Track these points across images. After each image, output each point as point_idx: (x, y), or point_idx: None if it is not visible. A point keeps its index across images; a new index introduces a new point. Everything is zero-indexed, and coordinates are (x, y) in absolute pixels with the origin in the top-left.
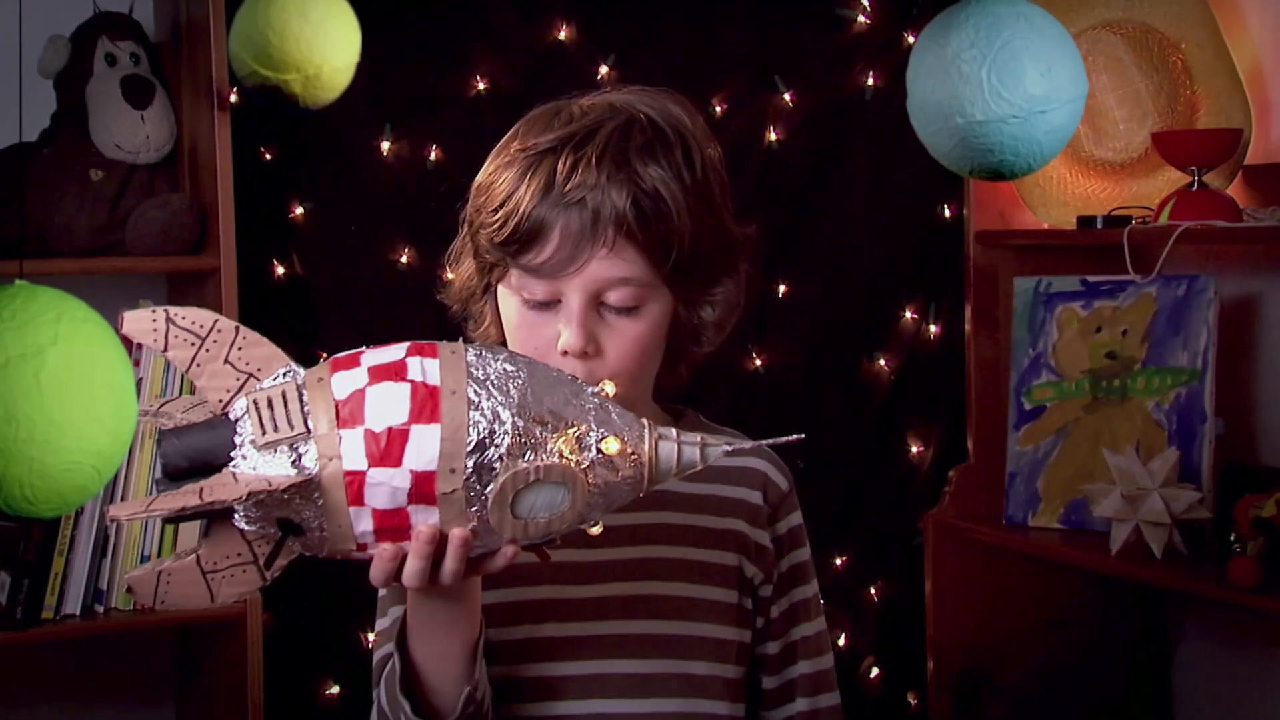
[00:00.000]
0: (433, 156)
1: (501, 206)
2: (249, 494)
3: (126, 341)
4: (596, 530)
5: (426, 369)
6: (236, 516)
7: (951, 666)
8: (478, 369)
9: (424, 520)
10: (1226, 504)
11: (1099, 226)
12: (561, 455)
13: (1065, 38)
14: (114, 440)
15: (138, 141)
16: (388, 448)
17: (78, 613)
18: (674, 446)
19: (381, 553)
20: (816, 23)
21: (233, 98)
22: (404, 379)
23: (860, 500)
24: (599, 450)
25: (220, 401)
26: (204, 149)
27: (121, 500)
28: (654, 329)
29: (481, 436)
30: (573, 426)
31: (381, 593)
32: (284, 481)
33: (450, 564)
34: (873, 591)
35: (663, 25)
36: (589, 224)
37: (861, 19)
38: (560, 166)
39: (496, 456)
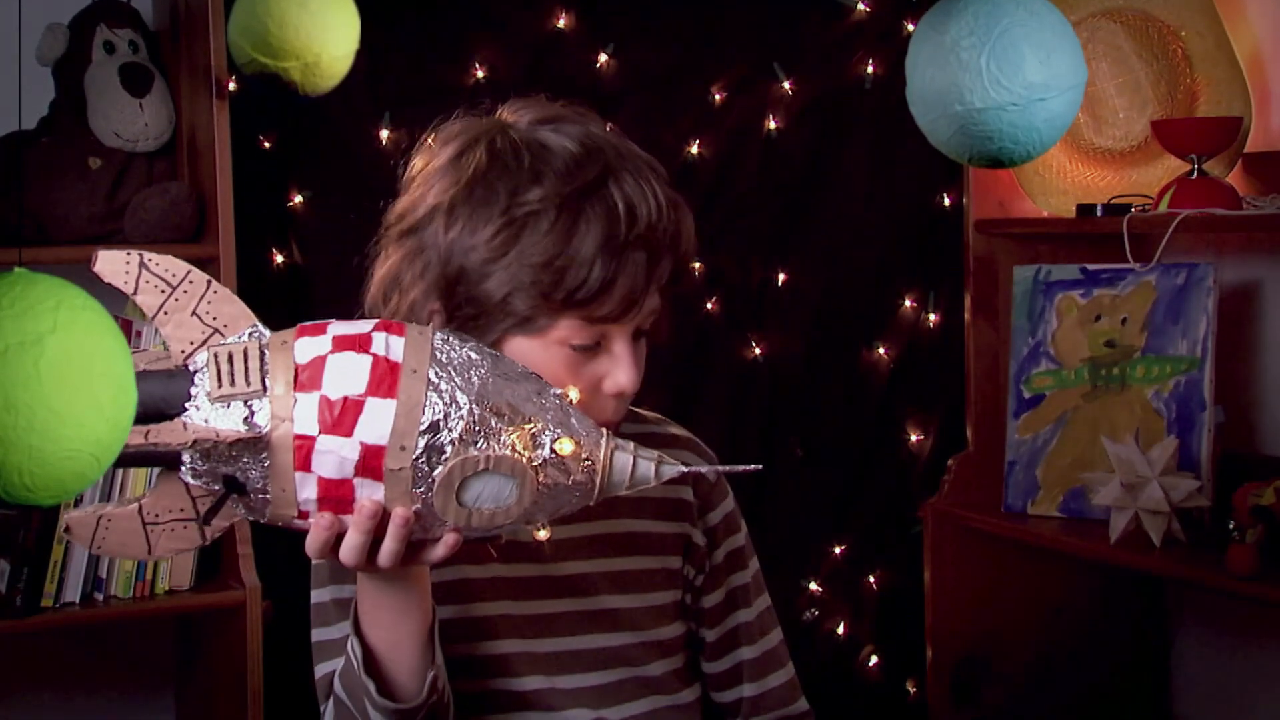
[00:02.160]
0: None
1: (550, 262)
2: (194, 441)
3: (126, 330)
4: (543, 535)
5: (391, 345)
6: (183, 469)
7: (950, 655)
8: (442, 352)
9: (369, 495)
10: (1225, 492)
11: (1098, 215)
12: (514, 449)
13: (1065, 25)
14: (113, 428)
15: (136, 130)
16: (341, 416)
17: (77, 600)
18: (629, 459)
19: (319, 520)
20: (816, 11)
21: (231, 86)
22: (366, 351)
23: (859, 489)
24: (553, 450)
25: (183, 353)
26: (203, 137)
27: (118, 492)
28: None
29: (436, 418)
30: (530, 422)
31: (319, 596)
32: (232, 435)
33: (389, 543)
34: (872, 580)
35: (662, 14)
36: (653, 264)
37: (861, 7)
38: (619, 205)
39: (449, 440)
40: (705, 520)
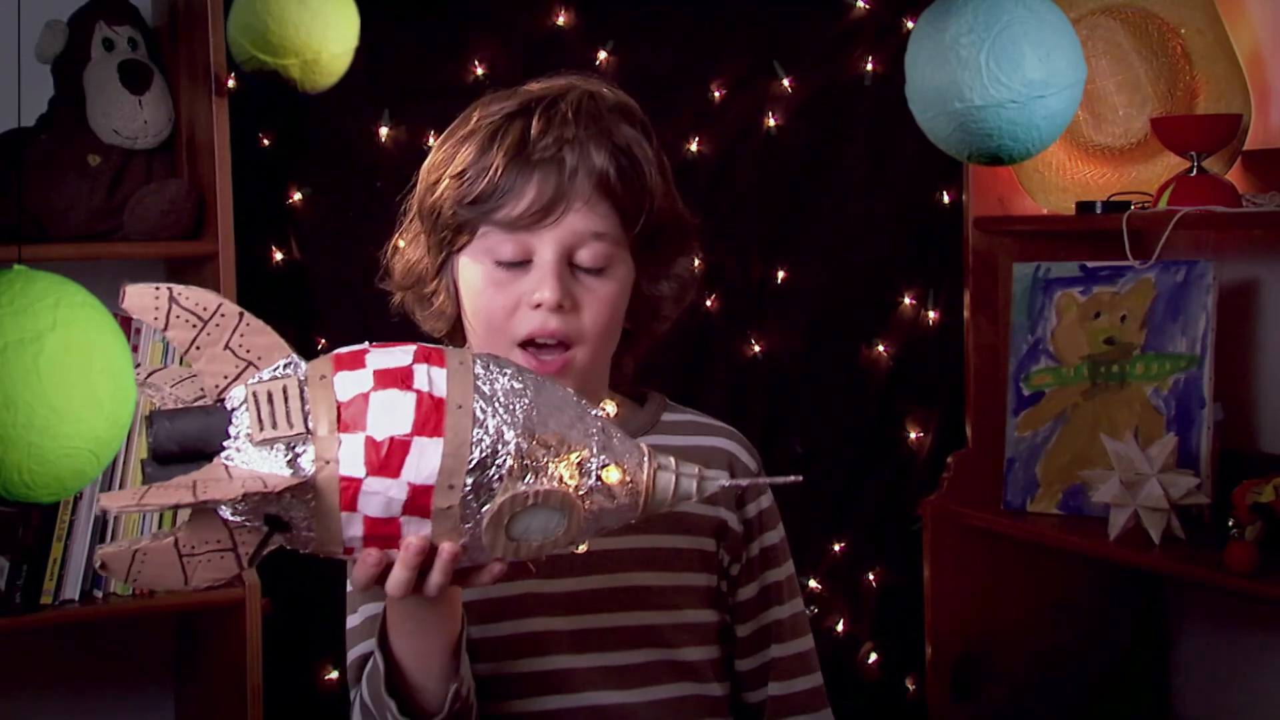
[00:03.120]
0: (431, 143)
1: (470, 168)
2: (244, 495)
3: (125, 326)
4: (582, 549)
5: (434, 379)
6: (223, 508)
7: (950, 652)
8: (485, 383)
9: (416, 532)
10: (1225, 490)
11: (1098, 212)
12: (562, 480)
13: (1064, 23)
14: (112, 426)
15: (135, 127)
16: (388, 457)
17: (76, 598)
18: (672, 478)
19: (366, 557)
20: (816, 8)
21: (231, 83)
22: (410, 388)
23: (859, 486)
24: (599, 478)
25: (217, 387)
26: (202, 134)
27: (118, 489)
28: (622, 292)
29: (484, 455)
30: (575, 451)
31: (350, 588)
32: (280, 483)
33: (436, 577)
34: (871, 577)
35: (662, 11)
36: (567, 178)
37: (861, 4)
38: (534, 124)
39: (497, 476)
40: (743, 511)
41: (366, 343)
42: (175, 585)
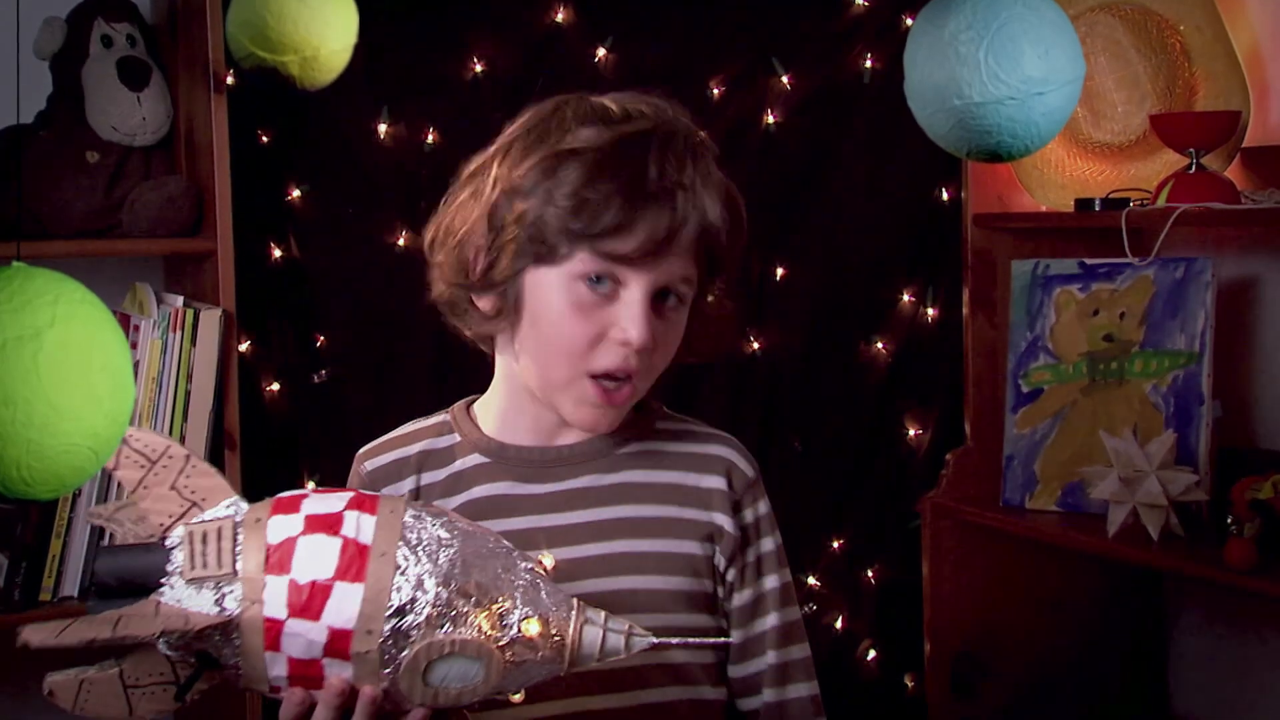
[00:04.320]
0: (430, 139)
1: (579, 191)
2: (162, 632)
3: (124, 323)
4: (517, 698)
5: (362, 526)
6: (159, 643)
7: (949, 649)
8: (413, 532)
9: (337, 674)
10: (1224, 486)
11: (1097, 209)
12: (480, 630)
13: (1063, 20)
14: (111, 423)
15: (134, 123)
16: (309, 601)
17: (75, 594)
18: (599, 632)
19: (291, 696)
20: (815, 5)
21: (229, 80)
22: (336, 533)
23: (858, 483)
24: (520, 630)
25: (161, 526)
26: (201, 131)
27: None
28: (684, 326)
29: (403, 602)
30: (496, 603)
31: None
32: (202, 621)
33: (358, 719)
34: (870, 574)
35: (661, 8)
36: (679, 223)
37: (860, 1)
38: (651, 160)
39: (414, 624)
40: (740, 516)
41: (310, 486)
42: (119, 717)
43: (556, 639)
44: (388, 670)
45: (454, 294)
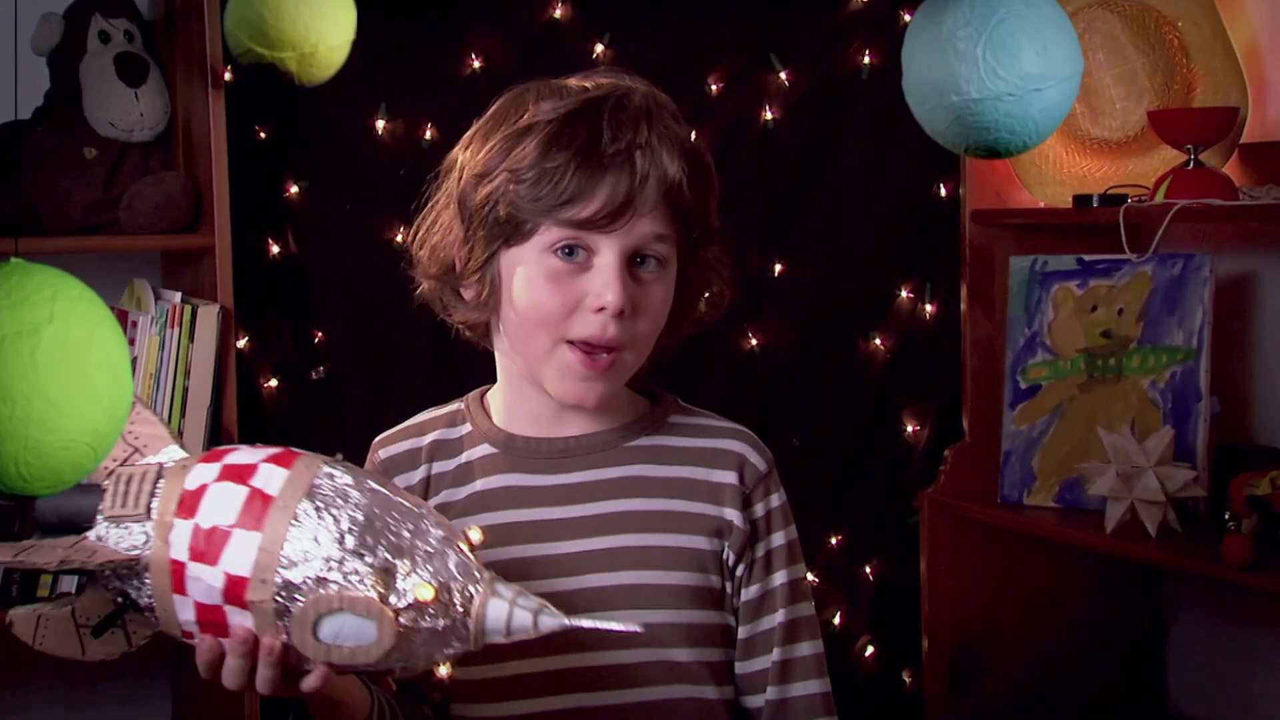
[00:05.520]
0: (428, 135)
1: (534, 166)
2: (60, 562)
3: (122, 320)
4: (444, 672)
5: (272, 477)
6: (101, 581)
7: (946, 645)
8: (322, 487)
9: (241, 623)
10: (1221, 482)
11: (1095, 205)
12: (375, 589)
13: (1061, 16)
14: (110, 418)
15: (132, 119)
16: (208, 545)
17: (73, 591)
18: (505, 607)
19: (200, 643)
20: (813, 1)
21: (227, 76)
22: (245, 482)
23: (856, 479)
24: (412, 594)
25: (105, 470)
26: (198, 127)
27: None
28: (670, 295)
29: (295, 554)
30: (392, 565)
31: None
32: (107, 556)
33: (262, 670)
34: (868, 570)
35: (659, 4)
36: (639, 183)
37: None
38: (605, 125)
39: (304, 577)
40: (750, 510)
41: (254, 445)
42: (74, 655)
43: (459, 610)
44: (284, 622)
45: (439, 288)
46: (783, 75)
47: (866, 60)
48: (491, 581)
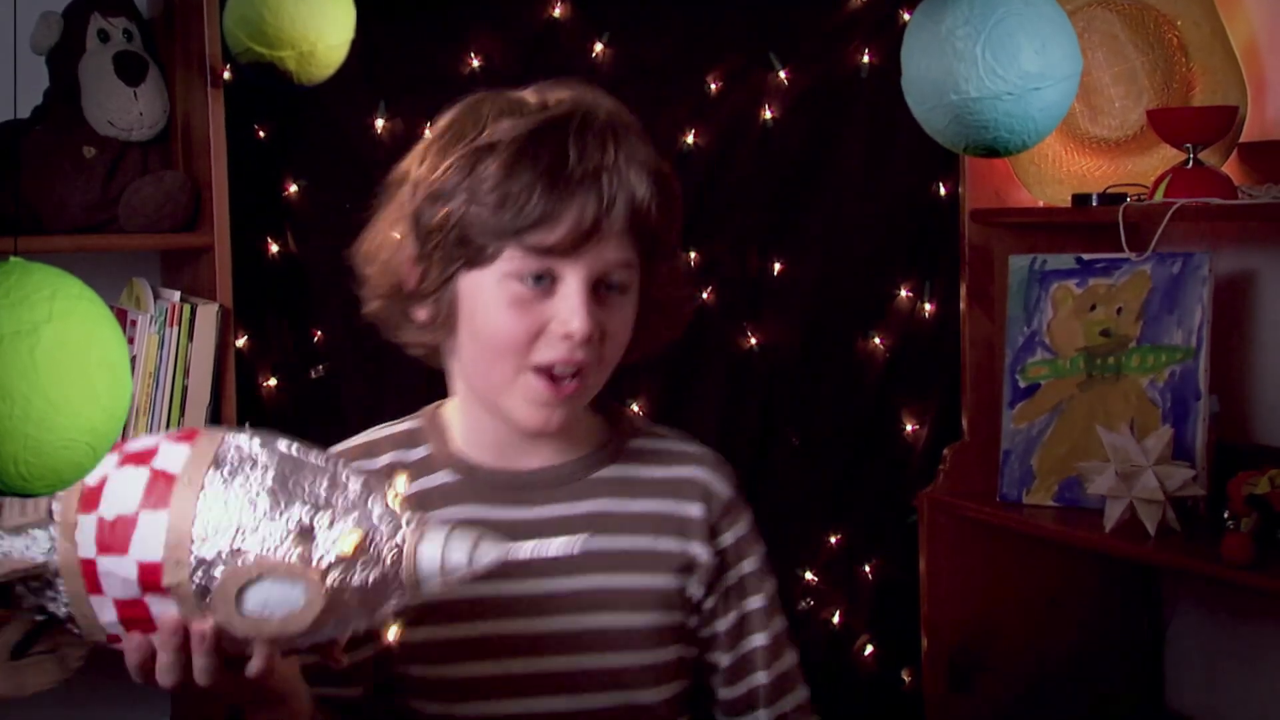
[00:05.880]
0: (427, 135)
1: (498, 187)
2: None
3: (121, 319)
4: (393, 635)
5: (173, 455)
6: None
7: (946, 644)
8: (227, 457)
9: (165, 612)
10: (1220, 481)
11: (1094, 204)
12: (295, 550)
13: (1060, 14)
14: (109, 418)
15: (131, 118)
16: (115, 536)
17: None
18: (437, 549)
19: (128, 642)
20: (812, 1)
21: (226, 75)
22: (145, 465)
23: (855, 478)
24: (335, 549)
25: None
26: (198, 126)
27: None
28: (634, 314)
29: (206, 528)
30: (311, 522)
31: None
32: (13, 565)
33: (198, 659)
34: (867, 569)
35: (658, 3)
36: (605, 207)
37: None
38: (570, 146)
39: (217, 550)
40: (717, 541)
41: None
42: (13, 693)
43: (388, 556)
44: (208, 603)
45: (387, 308)
46: (782, 75)
47: (866, 60)
48: (421, 523)
